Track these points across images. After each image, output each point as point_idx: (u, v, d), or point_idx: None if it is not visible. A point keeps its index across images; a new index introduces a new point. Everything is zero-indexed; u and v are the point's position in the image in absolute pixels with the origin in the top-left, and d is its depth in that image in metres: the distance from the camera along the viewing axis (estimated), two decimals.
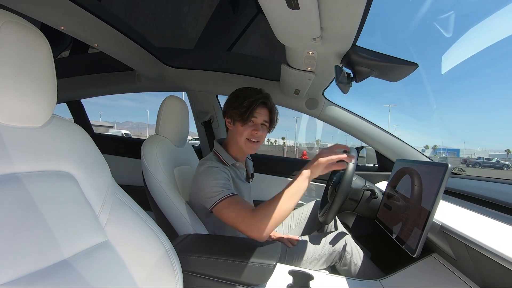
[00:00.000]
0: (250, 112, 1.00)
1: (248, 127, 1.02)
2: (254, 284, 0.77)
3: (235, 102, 1.03)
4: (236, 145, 1.06)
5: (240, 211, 0.84)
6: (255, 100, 1.01)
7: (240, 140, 1.03)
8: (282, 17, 0.68)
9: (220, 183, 0.91)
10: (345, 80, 0.90)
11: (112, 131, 28.61)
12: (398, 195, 0.95)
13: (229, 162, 1.05)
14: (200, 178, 0.96)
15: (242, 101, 1.01)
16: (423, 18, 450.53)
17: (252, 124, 1.03)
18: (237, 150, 1.08)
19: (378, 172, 1.62)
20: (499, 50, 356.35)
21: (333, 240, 1.10)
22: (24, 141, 0.54)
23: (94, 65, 1.78)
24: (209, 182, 0.92)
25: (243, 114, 1.00)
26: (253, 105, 1.00)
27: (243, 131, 1.02)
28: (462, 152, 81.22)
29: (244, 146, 1.04)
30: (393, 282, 0.86)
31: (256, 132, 1.03)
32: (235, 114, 1.02)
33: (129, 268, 0.63)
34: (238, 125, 1.03)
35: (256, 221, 0.81)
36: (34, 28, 0.54)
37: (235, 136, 1.05)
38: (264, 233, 0.80)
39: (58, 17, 0.94)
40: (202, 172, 0.97)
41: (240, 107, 1.01)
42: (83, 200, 0.60)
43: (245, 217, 0.83)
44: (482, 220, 0.68)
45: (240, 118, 1.01)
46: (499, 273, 0.52)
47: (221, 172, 0.95)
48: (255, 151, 1.08)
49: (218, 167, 0.97)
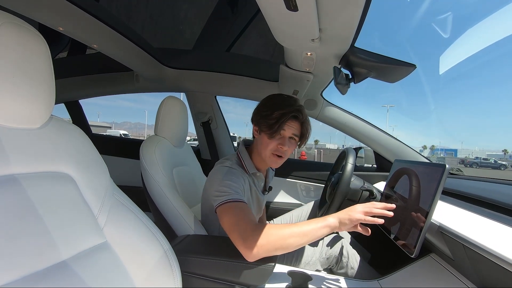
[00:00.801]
0: (279, 126, 0.91)
1: (274, 141, 0.94)
2: (253, 284, 0.77)
3: (264, 110, 0.94)
4: (259, 156, 0.99)
5: (242, 221, 0.76)
6: (286, 113, 0.91)
7: (264, 152, 0.96)
8: (280, 19, 0.69)
9: (232, 185, 0.85)
10: (343, 81, 0.90)
11: (110, 132, 28.56)
12: (396, 196, 0.95)
13: (250, 171, 1.00)
14: (216, 175, 0.91)
15: (272, 112, 0.92)
16: (420, 20, 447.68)
17: (279, 137, 0.94)
18: (260, 160, 1.01)
19: (376, 173, 1.63)
20: (498, 50, 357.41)
21: (330, 243, 1.10)
22: (22, 142, 0.53)
23: (92, 66, 1.78)
24: (222, 181, 0.86)
25: (271, 127, 0.92)
26: (283, 119, 0.91)
27: (269, 144, 0.94)
28: (460, 152, 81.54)
29: (267, 159, 0.97)
30: (392, 282, 0.87)
31: (282, 147, 0.94)
32: (263, 125, 0.94)
33: (128, 269, 0.63)
34: (265, 137, 0.95)
35: (253, 237, 0.72)
36: (33, 29, 0.54)
37: (259, 147, 0.98)
38: (254, 253, 0.71)
39: (56, 18, 0.94)
40: (219, 170, 0.92)
41: (269, 118, 0.92)
42: (82, 202, 0.60)
43: (244, 229, 0.74)
44: (480, 221, 0.68)
45: (267, 130, 0.93)
46: (497, 273, 0.53)
47: (239, 177, 0.90)
48: (278, 165, 1.01)
49: (238, 170, 0.93)
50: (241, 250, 0.73)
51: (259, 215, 1.11)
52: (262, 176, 1.06)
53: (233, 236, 0.76)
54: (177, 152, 1.21)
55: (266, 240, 0.71)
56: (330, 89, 1.45)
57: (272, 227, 0.74)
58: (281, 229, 0.74)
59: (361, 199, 1.18)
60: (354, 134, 1.59)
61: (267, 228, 0.73)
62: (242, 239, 0.73)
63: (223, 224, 0.79)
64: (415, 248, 0.70)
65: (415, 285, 0.81)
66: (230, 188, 0.84)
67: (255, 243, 0.71)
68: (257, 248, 0.71)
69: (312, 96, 1.55)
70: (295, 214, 1.39)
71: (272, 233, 0.72)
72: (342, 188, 1.03)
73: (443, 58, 11.50)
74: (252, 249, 0.71)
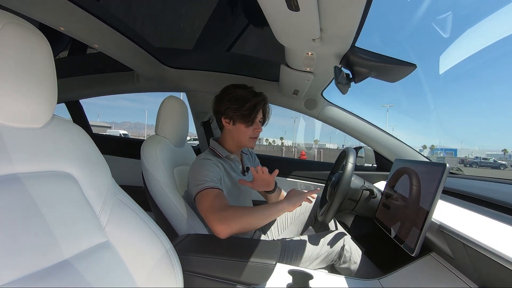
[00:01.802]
0: (255, 116, 1.09)
1: (251, 127, 1.11)
2: (254, 283, 0.78)
3: (235, 104, 1.08)
4: (234, 142, 1.14)
5: (214, 204, 0.88)
6: (257, 103, 1.09)
7: (243, 138, 1.12)
8: (282, 19, 0.69)
9: (208, 175, 0.96)
10: (344, 81, 0.90)
11: (110, 131, 28.54)
12: (396, 195, 0.96)
13: (223, 155, 1.12)
14: (192, 168, 1.02)
15: (243, 104, 1.07)
16: (421, 20, 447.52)
17: (254, 124, 1.11)
18: (233, 145, 1.15)
19: (376, 172, 1.63)
20: (498, 50, 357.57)
21: (332, 240, 1.10)
22: (25, 142, 0.54)
23: (93, 66, 1.78)
24: (199, 172, 0.97)
25: (246, 117, 1.08)
26: (256, 109, 1.09)
27: (247, 131, 1.11)
28: (460, 152, 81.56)
29: (247, 143, 1.13)
30: (392, 281, 0.87)
31: (258, 131, 1.13)
32: (237, 116, 1.08)
33: (130, 268, 0.63)
34: (241, 126, 1.10)
35: (224, 216, 0.84)
36: (35, 29, 0.54)
37: (236, 135, 1.12)
38: (227, 230, 0.83)
39: (57, 18, 0.94)
40: (195, 163, 1.03)
41: (242, 110, 1.07)
42: (84, 201, 0.61)
43: (217, 210, 0.86)
44: (480, 220, 0.68)
45: (243, 121, 1.09)
46: (497, 271, 0.53)
47: (213, 165, 1.01)
48: (254, 145, 1.19)
49: (211, 159, 1.04)
50: (214, 229, 0.84)
51: (247, 194, 1.22)
52: (237, 157, 1.19)
53: (207, 218, 0.87)
54: (178, 152, 1.21)
55: (236, 219, 0.84)
56: (330, 88, 1.45)
57: (240, 208, 0.88)
58: (248, 211, 0.88)
59: (361, 198, 1.18)
60: (354, 134, 1.59)
61: (236, 209, 0.87)
62: (214, 220, 0.84)
63: (200, 210, 0.90)
64: (416, 246, 0.70)
65: (416, 284, 0.81)
66: (206, 177, 0.95)
67: (226, 222, 0.83)
68: (228, 225, 0.83)
69: (312, 95, 1.55)
70: (294, 212, 1.40)
71: (242, 213, 0.86)
72: (342, 187, 1.03)
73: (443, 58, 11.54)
74: (223, 226, 0.83)
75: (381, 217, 1.02)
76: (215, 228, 0.84)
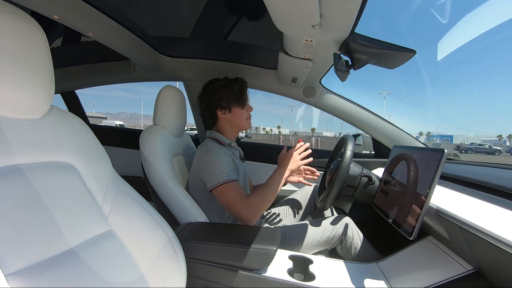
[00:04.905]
0: (245, 96, 1.17)
1: (245, 108, 1.17)
2: (256, 268, 0.80)
3: (225, 92, 1.13)
4: (233, 128, 1.18)
5: (238, 196, 0.97)
6: (241, 85, 1.16)
7: (241, 121, 1.17)
8: (281, 5, 0.68)
9: (226, 165, 1.02)
10: (343, 68, 0.89)
11: (106, 122, 28.30)
12: (394, 181, 0.97)
13: (226, 142, 1.15)
14: (207, 157, 1.03)
15: (231, 90, 1.14)
16: (419, 6, 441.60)
17: (246, 104, 1.19)
18: (231, 132, 1.19)
19: (374, 159, 1.64)
20: (495, 36, 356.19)
21: (333, 224, 1.11)
22: (25, 133, 0.53)
23: (88, 55, 1.75)
24: (216, 163, 1.01)
25: (239, 99, 1.14)
26: (243, 89, 1.16)
27: (243, 113, 1.17)
28: (456, 138, 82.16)
29: (245, 124, 1.18)
30: (390, 264, 0.89)
31: (250, 109, 1.21)
32: (232, 102, 1.14)
33: (134, 256, 0.64)
34: (238, 110, 1.15)
35: (250, 206, 0.96)
36: (29, 18, 0.53)
37: (236, 120, 1.16)
38: (254, 218, 0.96)
39: (51, 6, 0.91)
40: (208, 151, 1.04)
41: (233, 94, 1.13)
42: (85, 191, 0.61)
43: (242, 202, 0.96)
44: (476, 203, 0.70)
45: (238, 103, 1.15)
46: (492, 253, 0.54)
47: (225, 155, 1.05)
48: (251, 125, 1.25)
49: (221, 149, 1.07)
50: (243, 218, 0.96)
51: (246, 180, 1.26)
52: (236, 146, 1.25)
53: (234, 210, 0.97)
54: (176, 141, 1.21)
55: (259, 203, 0.98)
56: (328, 76, 1.44)
57: (257, 194, 1.00)
58: (264, 193, 1.00)
59: (359, 184, 1.20)
60: (352, 121, 1.59)
61: (255, 196, 0.99)
62: (242, 211, 0.95)
63: (222, 202, 0.99)
64: (413, 230, 0.72)
65: (413, 266, 0.83)
66: (225, 168, 1.00)
67: (253, 210, 0.96)
68: (256, 212, 0.97)
69: (311, 83, 1.54)
70: (290, 200, 1.42)
71: (259, 201, 0.98)
72: (341, 174, 1.04)
73: (441, 44, 11.43)
74: (252, 214, 0.96)
75: (379, 203, 1.04)
76: (243, 217, 0.96)
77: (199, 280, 0.80)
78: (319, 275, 0.83)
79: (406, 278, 0.80)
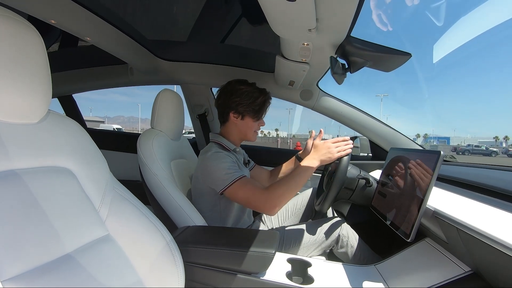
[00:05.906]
0: (264, 111, 1.17)
1: (258, 121, 1.17)
2: (254, 272, 0.79)
3: (246, 100, 1.11)
4: (239, 135, 1.17)
5: (254, 190, 0.95)
6: (266, 99, 1.15)
7: (249, 132, 1.17)
8: (278, 9, 0.68)
9: (230, 166, 1.00)
10: (340, 71, 0.90)
11: (104, 126, 28.21)
12: (392, 183, 0.97)
13: (231, 148, 1.14)
14: (209, 163, 1.02)
15: (254, 100, 1.12)
16: (415, 9, 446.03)
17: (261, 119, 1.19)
18: (237, 138, 1.18)
19: (372, 161, 1.65)
20: (491, 38, 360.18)
21: (330, 226, 1.12)
22: (22, 138, 0.53)
23: (85, 59, 1.75)
24: (218, 166, 1.00)
25: (257, 112, 1.14)
26: (266, 104, 1.16)
27: (254, 125, 1.16)
28: (452, 140, 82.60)
29: (251, 137, 1.19)
30: (388, 266, 0.89)
31: (262, 125, 1.20)
32: (248, 111, 1.13)
33: (131, 260, 0.64)
34: (250, 120, 1.15)
35: (270, 197, 0.92)
36: (26, 22, 0.53)
37: (244, 129, 1.16)
38: (277, 208, 0.92)
39: (48, 10, 0.91)
40: (209, 157, 1.03)
41: (254, 105, 1.12)
42: (83, 195, 0.61)
43: (260, 195, 0.93)
44: (473, 205, 0.70)
45: (254, 115, 1.14)
46: (489, 254, 0.55)
47: (226, 157, 1.04)
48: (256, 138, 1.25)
49: (223, 152, 1.06)
50: (265, 209, 0.93)
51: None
52: (241, 150, 1.25)
53: (253, 205, 0.95)
54: (174, 145, 1.21)
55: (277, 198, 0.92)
56: (325, 79, 1.45)
57: (277, 186, 0.94)
58: (284, 184, 0.94)
59: (357, 187, 1.20)
60: (349, 124, 1.60)
61: (276, 186, 0.94)
62: (262, 204, 0.93)
63: (239, 201, 0.99)
64: (411, 232, 0.72)
65: (411, 268, 0.83)
66: (231, 168, 0.99)
67: (273, 200, 0.92)
68: (277, 202, 0.92)
69: (308, 86, 1.55)
70: (290, 204, 1.41)
71: (279, 191, 0.93)
72: (339, 177, 1.04)
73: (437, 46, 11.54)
74: (273, 206, 0.91)
75: (377, 205, 1.04)
76: (265, 208, 0.92)
77: (197, 284, 0.80)
78: (318, 278, 0.83)
79: (405, 279, 0.80)
